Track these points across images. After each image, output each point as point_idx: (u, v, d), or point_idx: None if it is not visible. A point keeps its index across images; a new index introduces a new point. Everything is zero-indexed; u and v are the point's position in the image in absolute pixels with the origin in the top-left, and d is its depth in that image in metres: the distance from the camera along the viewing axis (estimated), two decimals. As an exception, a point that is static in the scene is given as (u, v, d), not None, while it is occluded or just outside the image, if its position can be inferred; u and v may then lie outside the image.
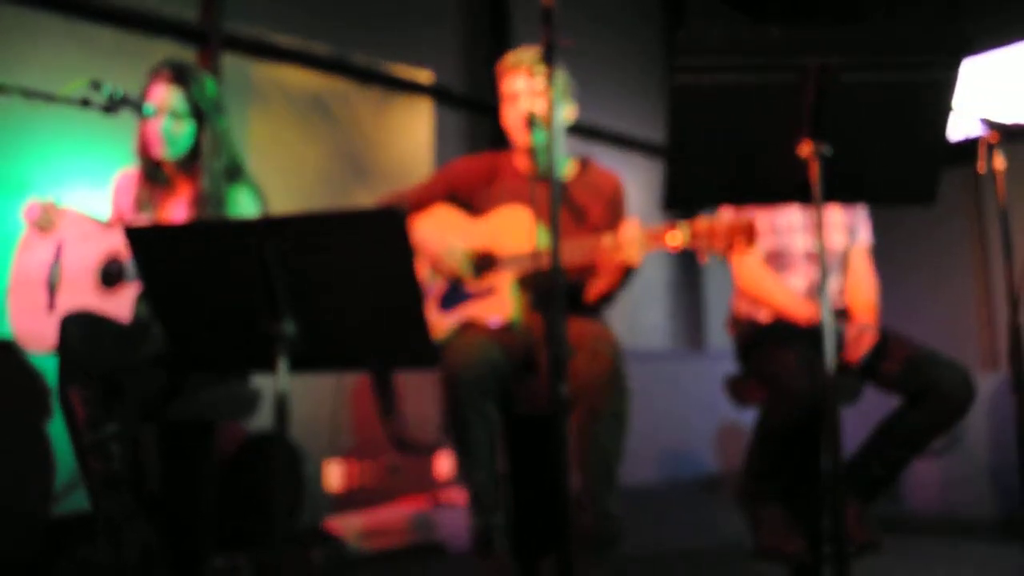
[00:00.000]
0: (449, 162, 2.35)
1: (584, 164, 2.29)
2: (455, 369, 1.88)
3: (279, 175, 3.21)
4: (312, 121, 3.34)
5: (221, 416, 2.12)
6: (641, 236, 1.86)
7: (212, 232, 1.45)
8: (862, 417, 2.34)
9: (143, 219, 2.14)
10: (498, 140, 3.92)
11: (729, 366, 2.48)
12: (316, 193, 3.31)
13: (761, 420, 2.14)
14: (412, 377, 3.01)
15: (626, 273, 1.99)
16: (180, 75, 2.06)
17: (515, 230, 2.11)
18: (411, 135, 3.67)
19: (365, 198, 3.40)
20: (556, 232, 1.56)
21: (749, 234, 1.74)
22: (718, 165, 1.60)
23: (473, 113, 3.91)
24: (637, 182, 4.42)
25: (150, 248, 1.46)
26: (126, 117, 2.06)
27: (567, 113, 2.23)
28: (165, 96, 2.05)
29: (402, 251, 1.36)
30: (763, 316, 2.38)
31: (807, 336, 2.17)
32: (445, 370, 1.90)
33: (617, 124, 4.42)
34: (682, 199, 1.64)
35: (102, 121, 2.02)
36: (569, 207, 2.18)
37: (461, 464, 1.94)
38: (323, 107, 3.38)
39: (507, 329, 2.05)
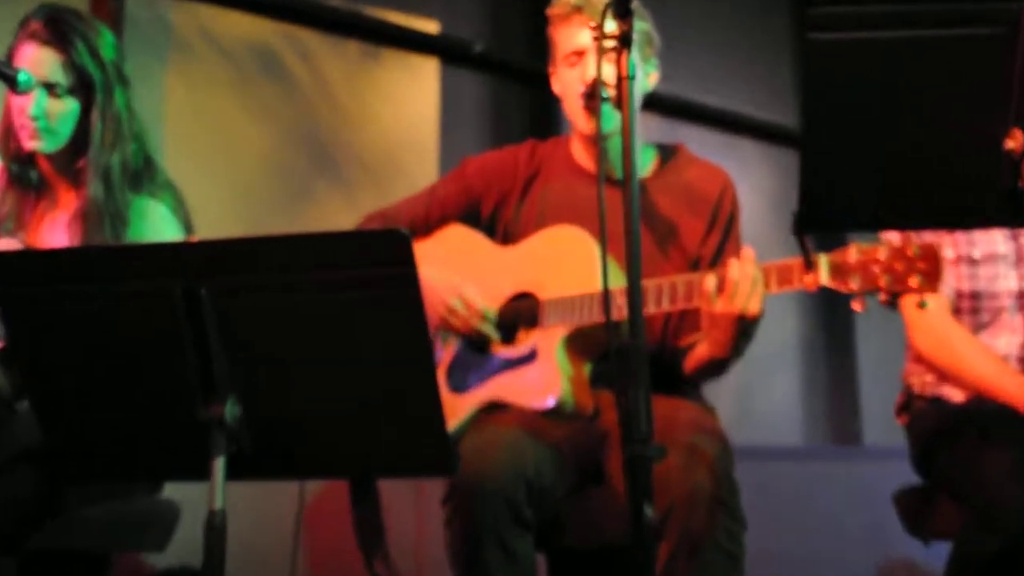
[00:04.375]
0: (464, 160, 2.39)
1: (669, 155, 2.32)
2: (470, 483, 1.89)
3: (210, 169, 3.28)
4: (259, 88, 3.43)
5: (119, 546, 2.14)
6: (761, 274, 1.88)
7: (114, 263, 1.49)
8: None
9: (7, 243, 2.20)
10: (537, 119, 3.96)
11: (900, 472, 2.46)
12: (264, 195, 3.38)
13: (956, 556, 2.11)
14: (398, 486, 3.01)
15: (741, 329, 2.01)
16: (58, 31, 2.12)
17: (565, 262, 2.13)
18: (406, 109, 3.74)
19: (339, 204, 3.46)
20: (636, 264, 1.59)
21: (932, 267, 1.75)
22: (877, 167, 1.62)
23: (498, 79, 3.98)
24: (750, 183, 4.44)
25: (17, 287, 1.51)
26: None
27: (649, 80, 2.27)
28: (36, 63, 2.11)
29: (406, 295, 1.40)
30: (955, 395, 2.38)
31: (1025, 427, 2.16)
32: (455, 484, 1.91)
33: (721, 99, 4.46)
34: (824, 218, 1.66)
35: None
36: (649, 223, 2.20)
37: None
38: (275, 68, 3.47)
39: (555, 415, 2.07)
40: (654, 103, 2.43)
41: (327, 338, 1.44)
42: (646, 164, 2.29)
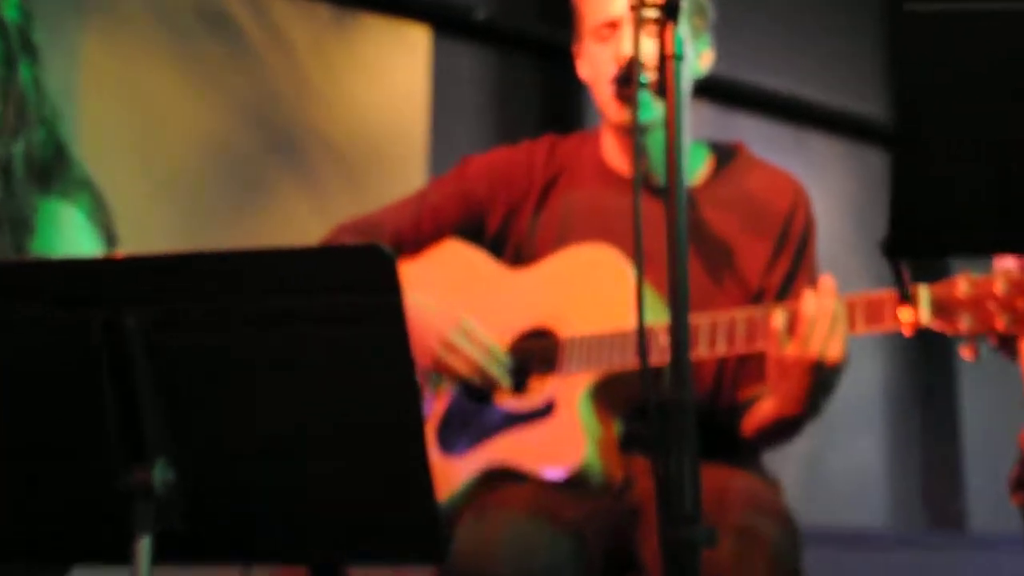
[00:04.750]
0: (465, 159, 2.41)
1: (726, 157, 2.34)
2: (468, 573, 1.91)
3: (138, 160, 3.28)
4: (203, 58, 3.43)
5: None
6: (843, 310, 1.88)
7: (14, 284, 1.48)
8: None
9: None
10: (555, 106, 3.96)
11: (1015, 565, 2.45)
12: (207, 194, 3.38)
13: None
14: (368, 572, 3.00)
15: (818, 379, 2.00)
16: None
17: (592, 291, 2.14)
18: (389, 88, 3.75)
19: (303, 206, 3.46)
20: (683, 294, 1.59)
21: None
22: (994, 173, 1.61)
23: (505, 53, 3.99)
24: (826, 190, 4.44)
25: None
26: None
27: (700, 61, 2.29)
28: None
29: (388, 329, 1.39)
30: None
31: None
32: (448, 573, 1.92)
33: (789, 83, 4.47)
34: (923, 238, 1.64)
35: None
36: (699, 244, 2.21)
37: None
38: (225, 32, 3.47)
39: (576, 487, 2.07)
40: (706, 88, 2.44)
41: (285, 385, 1.44)
42: (696, 168, 2.30)
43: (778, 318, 1.92)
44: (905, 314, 1.84)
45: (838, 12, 4.74)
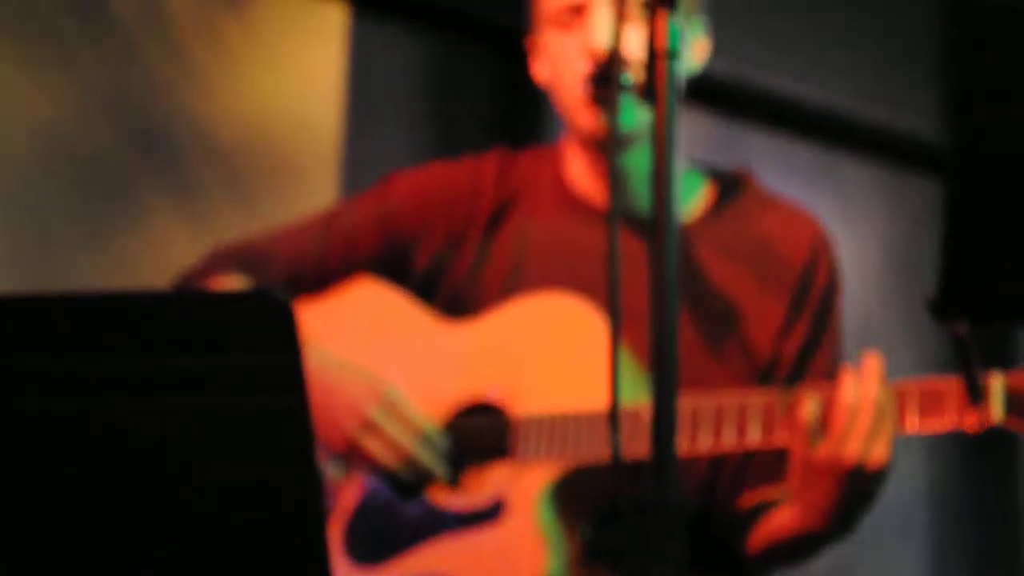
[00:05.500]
0: (389, 176, 2.44)
1: (730, 189, 2.37)
2: None
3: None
4: (48, 30, 3.43)
5: None
6: (893, 400, 1.91)
7: None
8: None
9: None
10: (506, 107, 3.97)
11: None
12: (48, 205, 3.37)
13: None
14: None
15: (857, 488, 2.02)
16: None
17: (554, 355, 2.16)
18: (293, 79, 3.76)
19: (176, 222, 3.46)
20: (670, 362, 1.59)
21: None
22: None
23: (443, 40, 4.02)
24: (858, 229, 4.47)
25: None
26: None
27: (693, 54, 2.32)
28: None
29: (282, 400, 1.40)
30: None
31: None
32: None
33: (810, 88, 4.52)
34: (984, 296, 1.65)
35: None
36: (695, 297, 2.23)
37: None
38: (88, 15, 3.47)
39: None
40: (704, 92, 2.46)
41: (139, 475, 1.43)
42: (690, 199, 2.33)
43: (809, 407, 1.93)
44: (976, 413, 1.86)
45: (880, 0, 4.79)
